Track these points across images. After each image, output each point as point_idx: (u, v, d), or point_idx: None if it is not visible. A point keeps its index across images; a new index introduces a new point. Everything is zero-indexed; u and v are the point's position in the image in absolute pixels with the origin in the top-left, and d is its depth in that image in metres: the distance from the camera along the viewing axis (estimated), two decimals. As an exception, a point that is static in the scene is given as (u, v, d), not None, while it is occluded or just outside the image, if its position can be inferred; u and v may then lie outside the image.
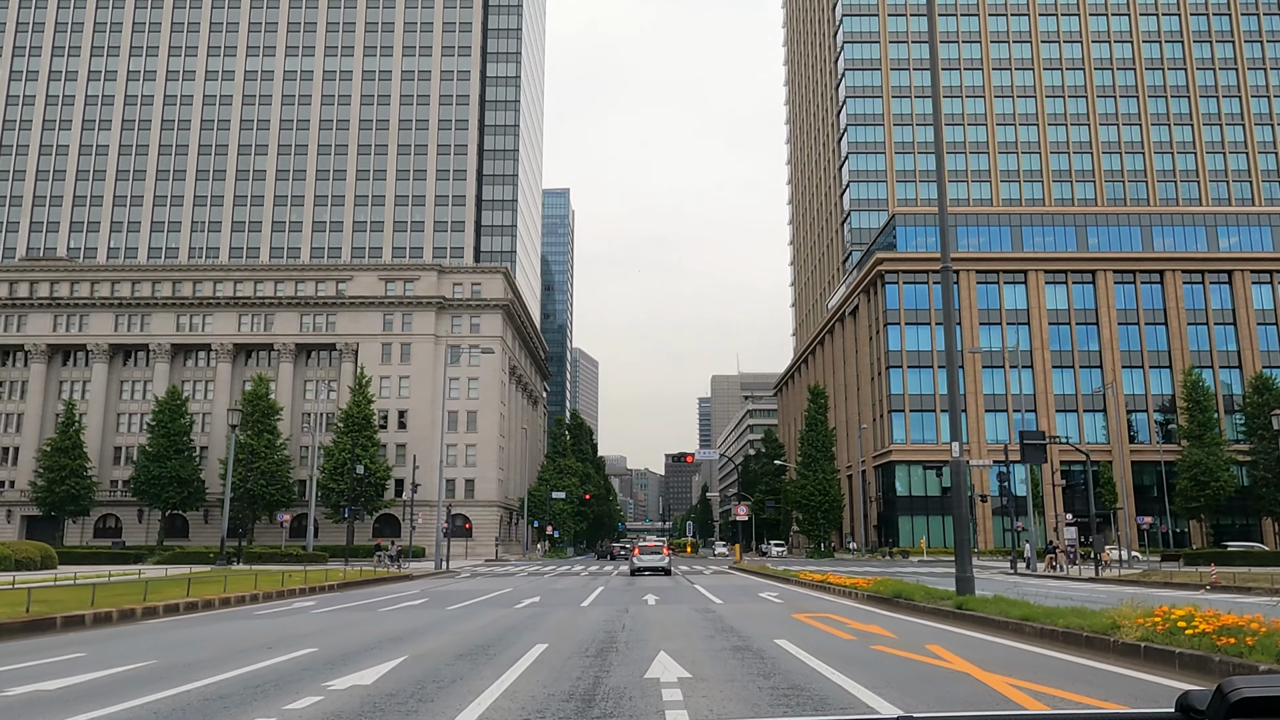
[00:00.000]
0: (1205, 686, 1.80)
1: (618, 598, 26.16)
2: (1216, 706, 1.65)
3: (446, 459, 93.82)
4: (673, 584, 35.19)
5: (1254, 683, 1.64)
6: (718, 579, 39.53)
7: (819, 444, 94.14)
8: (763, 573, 41.71)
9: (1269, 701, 1.59)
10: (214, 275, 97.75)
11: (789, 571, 37.87)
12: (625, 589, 31.34)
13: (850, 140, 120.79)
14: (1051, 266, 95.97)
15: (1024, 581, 39.76)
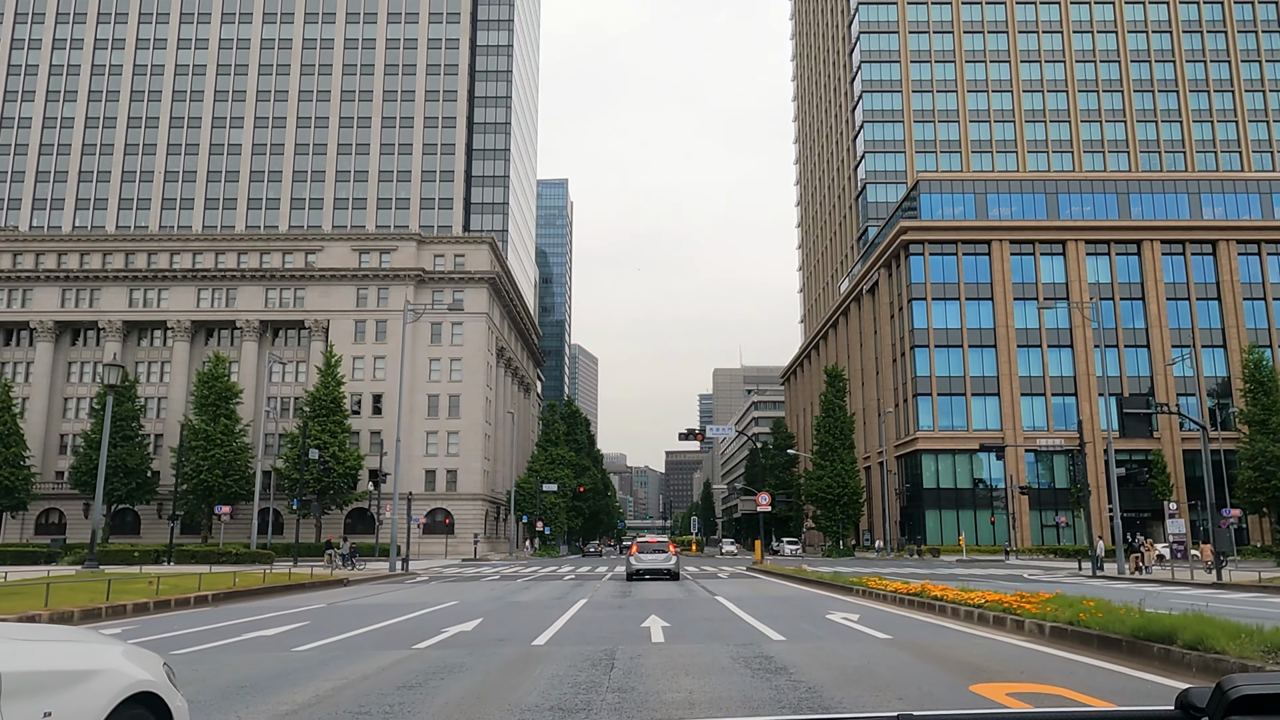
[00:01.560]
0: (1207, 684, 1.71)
1: (603, 624, 16.00)
2: (1216, 704, 1.62)
3: (426, 448, 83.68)
4: (684, 594, 24.97)
5: (1253, 680, 1.62)
6: (743, 586, 29.25)
7: (837, 431, 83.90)
8: (799, 577, 31.43)
9: (1267, 699, 1.58)
10: (171, 246, 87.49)
11: (839, 576, 27.60)
12: (617, 605, 21.16)
13: (866, 109, 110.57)
14: (1092, 235, 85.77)
15: (1138, 588, 29.53)
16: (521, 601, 22.78)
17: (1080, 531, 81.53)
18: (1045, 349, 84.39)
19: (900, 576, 36.26)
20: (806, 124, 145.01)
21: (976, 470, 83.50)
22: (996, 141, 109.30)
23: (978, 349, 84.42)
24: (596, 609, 19.68)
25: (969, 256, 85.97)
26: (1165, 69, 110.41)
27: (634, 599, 23.06)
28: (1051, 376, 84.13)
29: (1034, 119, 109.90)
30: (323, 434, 76.19)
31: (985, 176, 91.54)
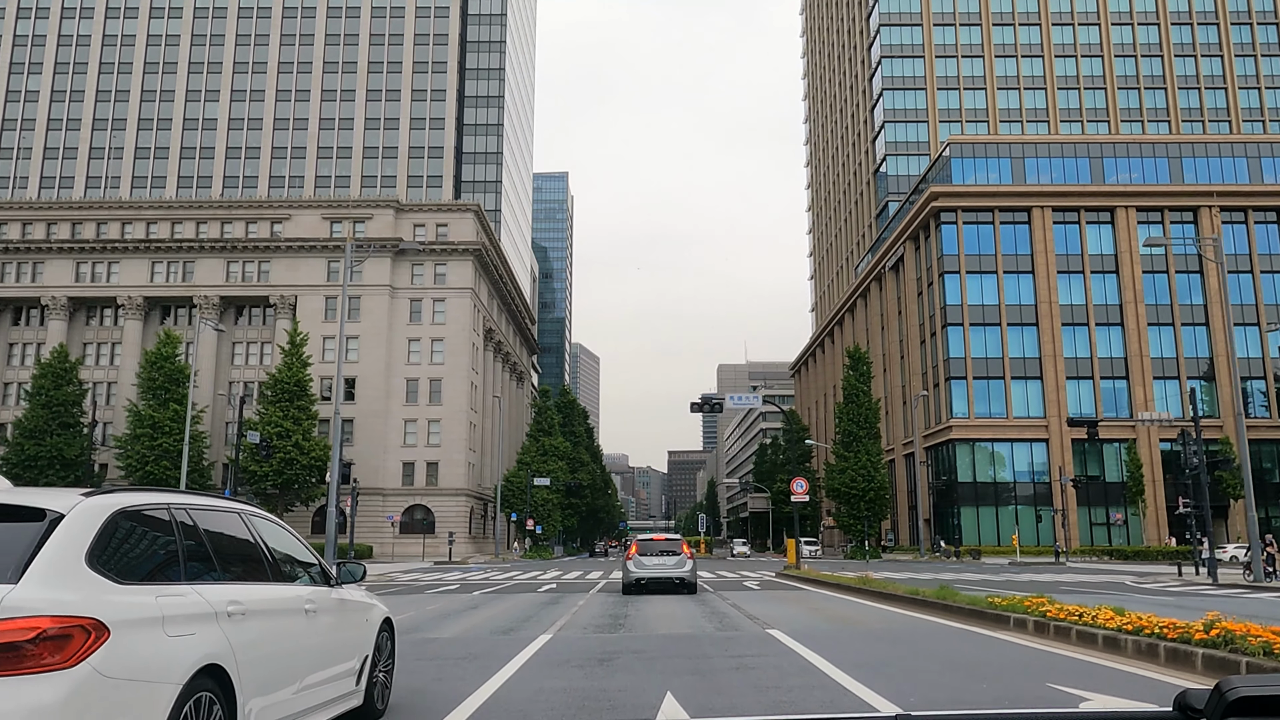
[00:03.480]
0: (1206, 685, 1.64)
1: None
2: (1214, 705, 1.59)
3: (404, 437, 74.09)
4: (714, 624, 15.24)
5: (1251, 682, 1.59)
6: (798, 606, 19.47)
7: (861, 419, 74.13)
8: (867, 589, 21.64)
9: (1266, 700, 1.55)
10: (122, 215, 77.89)
11: (948, 591, 17.72)
12: (598, 654, 11.47)
13: (885, 75, 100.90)
14: (1144, 202, 76.06)
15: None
16: (434, 639, 13.10)
17: (1135, 531, 71.80)
18: (1093, 327, 74.71)
19: (974, 585, 26.60)
20: (817, 99, 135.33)
21: (1018, 462, 73.77)
22: (1027, 110, 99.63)
23: (1017, 327, 74.74)
24: (554, 668, 10.00)
25: (1006, 225, 76.32)
26: (1209, 32, 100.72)
27: (630, 636, 13.37)
28: (1100, 358, 74.41)
29: (1067, 85, 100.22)
30: (285, 421, 66.65)
31: (1022, 139, 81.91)
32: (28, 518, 4.11)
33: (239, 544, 5.52)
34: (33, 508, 4.16)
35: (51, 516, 4.12)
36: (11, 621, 3.63)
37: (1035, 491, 72.79)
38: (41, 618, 3.71)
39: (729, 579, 32.66)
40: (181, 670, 4.29)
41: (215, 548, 5.18)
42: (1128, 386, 73.93)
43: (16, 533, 4.02)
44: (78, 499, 4.32)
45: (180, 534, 4.87)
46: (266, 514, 6.29)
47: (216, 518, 5.39)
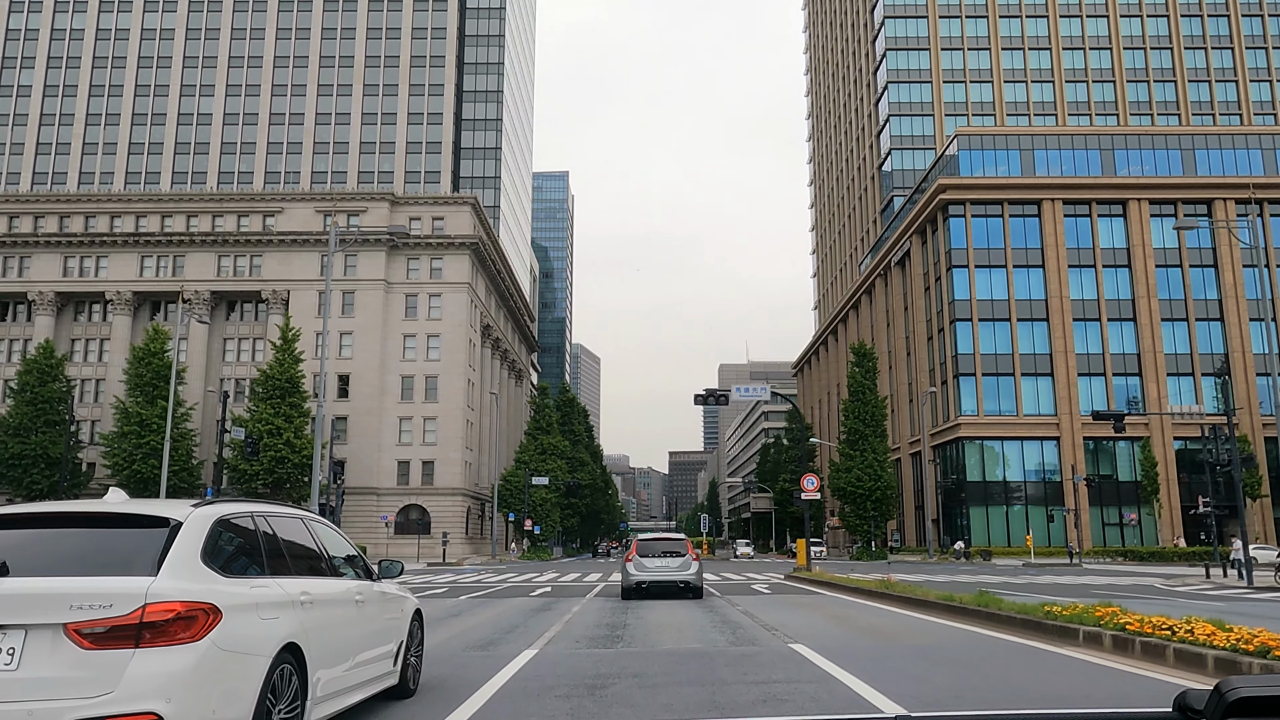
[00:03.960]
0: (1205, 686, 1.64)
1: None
2: (1214, 706, 1.59)
3: (399, 435, 72.00)
4: (725, 636, 13.11)
5: (1251, 682, 1.59)
6: (819, 614, 17.31)
7: (867, 416, 71.99)
8: (892, 594, 19.49)
9: (1266, 701, 1.55)
10: (111, 208, 75.79)
11: (989, 598, 15.54)
12: (589, 680, 9.24)
13: (890, 68, 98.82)
14: (1156, 194, 73.95)
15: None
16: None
17: (1148, 532, 69.64)
18: (1105, 322, 72.57)
19: (998, 588, 24.51)
20: (820, 95, 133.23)
21: (1028, 460, 71.62)
22: (1034, 103, 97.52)
23: (1027, 322, 72.62)
24: (531, 700, 7.90)
25: (1016, 218, 74.23)
26: (1219, 24, 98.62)
27: (629, 653, 11.24)
28: (1112, 354, 72.29)
29: (1075, 79, 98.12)
30: (276, 418, 64.60)
31: (1032, 131, 79.84)
32: (155, 525, 5.06)
33: (303, 544, 6.41)
34: (158, 516, 5.09)
35: (173, 524, 5.04)
36: (156, 605, 4.63)
37: (1046, 491, 70.70)
38: (176, 603, 4.67)
39: (735, 582, 30.53)
40: (271, 646, 5.23)
41: (287, 548, 6.09)
42: (1140, 383, 71.83)
43: (149, 537, 4.97)
44: (190, 509, 5.23)
45: (262, 537, 5.82)
46: (321, 518, 7.18)
47: (286, 523, 6.29)
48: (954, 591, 18.17)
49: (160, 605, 4.61)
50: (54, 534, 5.12)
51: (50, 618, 4.54)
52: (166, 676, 4.54)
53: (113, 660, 4.51)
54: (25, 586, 4.61)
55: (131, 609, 4.57)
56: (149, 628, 4.56)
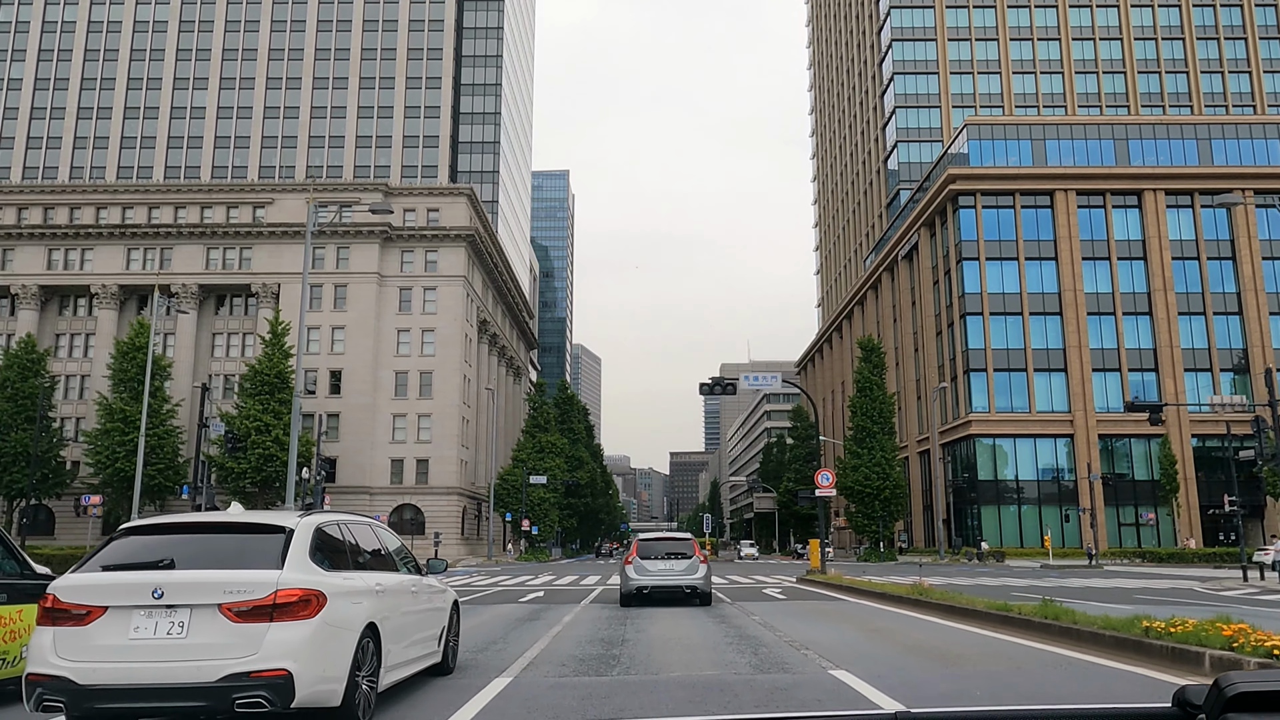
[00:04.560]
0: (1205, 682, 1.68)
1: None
2: (1213, 701, 1.59)
3: (392, 433, 69.58)
4: (749, 660, 10.59)
5: (1250, 678, 1.59)
6: (852, 626, 14.71)
7: (875, 413, 69.54)
8: (926, 601, 16.99)
9: (1265, 696, 1.54)
10: (97, 199, 73.39)
11: (1056, 609, 13.01)
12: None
13: (895, 59, 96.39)
14: (1172, 184, 71.48)
15: None
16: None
17: (1165, 532, 67.10)
18: (1120, 316, 70.08)
19: (1029, 592, 22.09)
20: (824, 89, 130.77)
21: (1041, 458, 69.11)
22: (1044, 95, 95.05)
23: (1040, 316, 70.14)
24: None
25: (1028, 209, 71.77)
26: (1231, 14, 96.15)
27: (627, 683, 8.79)
28: (1128, 349, 69.80)
29: (1085, 69, 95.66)
30: (265, 415, 62.29)
31: (1043, 121, 77.37)
32: (274, 531, 6.70)
33: (373, 545, 8.14)
34: (275, 524, 6.75)
35: (288, 530, 6.67)
36: (284, 591, 6.16)
37: (1059, 490, 68.21)
38: (297, 589, 6.22)
39: (744, 585, 28.03)
40: (359, 624, 6.79)
41: (362, 548, 7.80)
42: (1157, 379, 69.31)
43: (271, 540, 6.60)
44: (297, 519, 6.89)
45: (346, 539, 7.50)
46: (384, 525, 8.95)
47: (360, 528, 8.05)
48: (980, 596, 15.73)
49: (287, 591, 6.14)
50: (203, 538, 6.76)
51: (208, 599, 6.06)
52: (293, 643, 6.04)
53: (255, 631, 6.01)
54: (189, 577, 6.17)
55: (267, 593, 6.11)
56: (279, 608, 6.10)
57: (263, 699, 5.95)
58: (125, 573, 6.32)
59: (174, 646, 6.00)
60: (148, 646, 6.02)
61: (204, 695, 5.94)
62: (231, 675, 5.92)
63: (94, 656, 6.00)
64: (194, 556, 6.46)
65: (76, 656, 5.99)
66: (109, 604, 6.13)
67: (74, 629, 6.09)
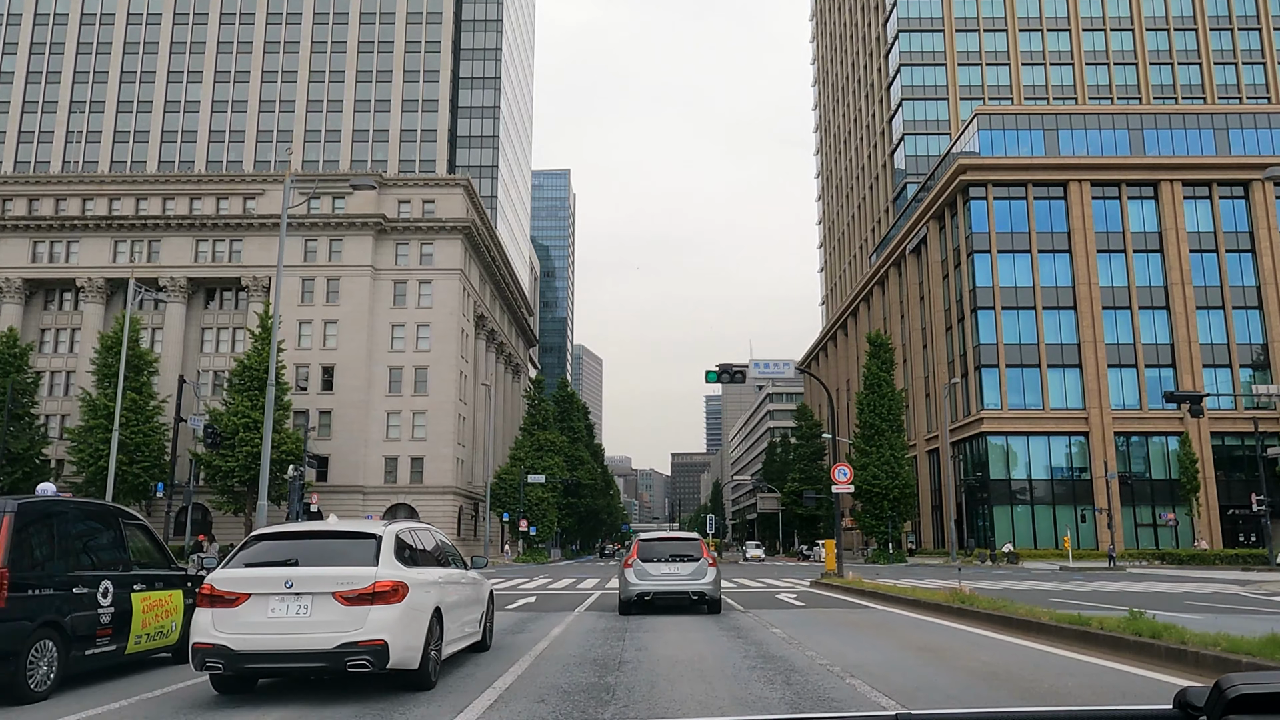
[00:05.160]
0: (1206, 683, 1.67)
1: None
2: (1214, 703, 1.57)
3: (386, 430, 67.25)
4: (785, 695, 8.20)
5: (1252, 679, 1.57)
6: (908, 651, 12.03)
7: (884, 410, 67.11)
8: (973, 610, 14.57)
9: (1266, 698, 1.53)
10: (83, 190, 71.10)
11: (1117, 620, 10.63)
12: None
13: (902, 50, 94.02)
14: (1190, 175, 69.07)
15: None
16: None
17: (1184, 533, 64.58)
18: (1136, 310, 67.65)
19: (1066, 599, 19.73)
20: (828, 84, 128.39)
21: (1055, 457, 66.70)
22: (1054, 86, 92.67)
23: (1053, 311, 67.73)
24: None
25: (1041, 200, 69.38)
26: (1245, 4, 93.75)
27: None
28: (1144, 344, 67.37)
29: (1095, 60, 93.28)
30: (254, 411, 59.92)
31: (1056, 110, 74.95)
32: (368, 537, 8.63)
33: (433, 546, 10.21)
34: (369, 532, 8.68)
35: (378, 536, 8.57)
36: (380, 582, 8.04)
37: (1074, 490, 65.78)
38: (389, 581, 8.08)
39: (755, 590, 25.64)
40: (430, 607, 8.72)
41: (426, 548, 9.80)
42: (1174, 375, 66.83)
43: (367, 544, 8.51)
44: (383, 528, 8.85)
45: (416, 542, 9.50)
46: (437, 529, 11.18)
47: (423, 533, 10.13)
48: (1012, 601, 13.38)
49: (381, 582, 8.15)
50: (317, 542, 8.81)
51: (325, 589, 8.07)
52: (387, 620, 7.97)
53: (359, 611, 7.97)
54: (311, 572, 8.25)
55: (367, 584, 8.10)
56: (376, 594, 8.07)
57: (366, 662, 7.85)
58: (263, 569, 8.31)
59: (301, 623, 7.95)
60: (282, 623, 7.96)
61: (324, 659, 7.86)
62: (344, 644, 7.83)
63: (243, 630, 7.90)
64: (312, 556, 8.46)
65: (230, 630, 7.90)
66: (252, 592, 8.06)
67: (227, 610, 7.99)
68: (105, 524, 9.94)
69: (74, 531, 9.30)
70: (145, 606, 10.00)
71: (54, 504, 9.16)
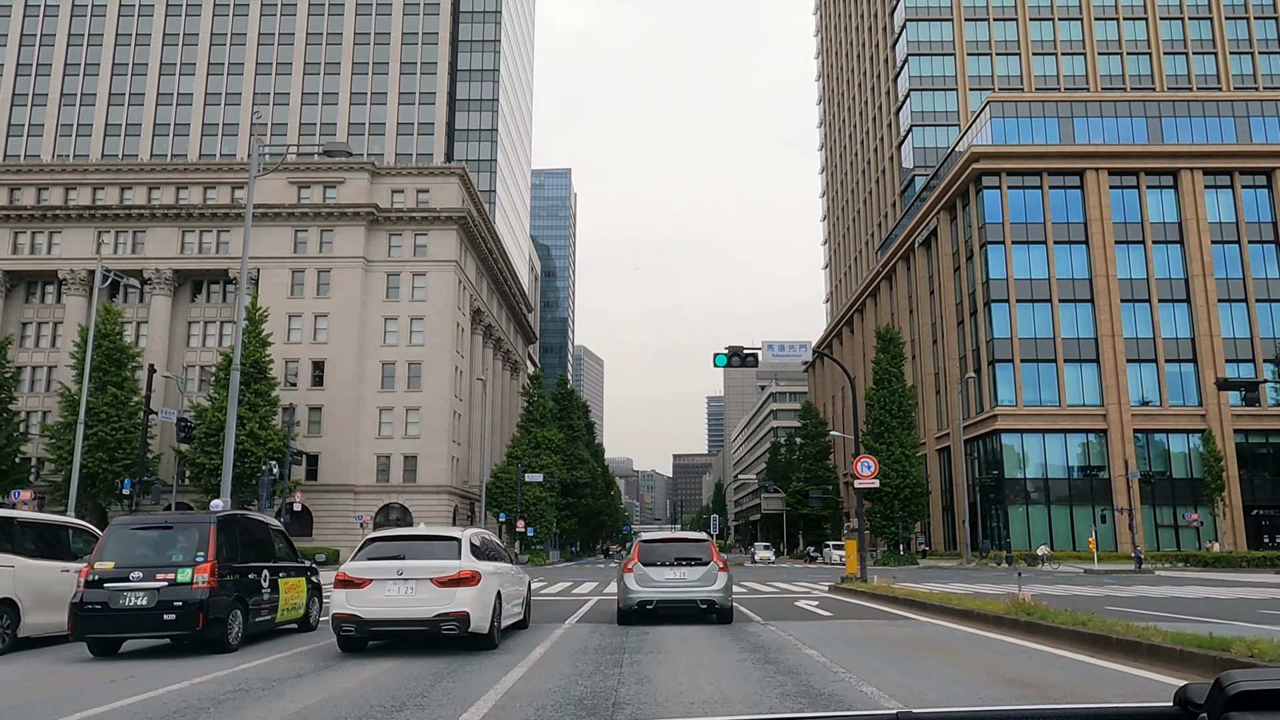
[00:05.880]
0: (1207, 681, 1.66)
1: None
2: (1215, 700, 1.57)
3: (379, 428, 64.53)
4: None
5: (1252, 676, 1.56)
6: (984, 678, 9.35)
7: (894, 406, 64.37)
8: (1046, 624, 11.85)
9: (1267, 695, 1.53)
10: (64, 179, 68.47)
11: (1252, 643, 7.89)
12: None
13: (910, 39, 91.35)
14: (1211, 163, 66.35)
15: None
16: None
17: (1207, 534, 61.76)
18: (1155, 303, 64.90)
19: (1110, 604, 17.04)
20: (833, 78, 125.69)
21: (1071, 455, 63.91)
22: (1065, 77, 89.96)
23: (1070, 304, 64.99)
24: None
25: (1056, 190, 66.67)
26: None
27: None
28: (1164, 339, 64.61)
29: (1108, 50, 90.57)
30: (239, 407, 57.11)
31: (1071, 98, 72.18)
32: (452, 539, 12.06)
33: (494, 545, 13.54)
34: (453, 536, 12.15)
35: (460, 539, 11.95)
36: (463, 571, 11.29)
37: (1092, 489, 62.97)
38: (469, 570, 11.32)
39: (770, 597, 22.89)
40: (494, 589, 11.83)
41: (488, 547, 12.93)
42: (1196, 370, 64.09)
43: (452, 544, 11.84)
44: (463, 531, 12.30)
45: (484, 543, 12.70)
46: (490, 533, 14.68)
47: (486, 535, 13.43)
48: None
49: (463, 571, 11.22)
50: (416, 543, 12.21)
51: (424, 576, 11.16)
52: (468, 598, 11.09)
53: (449, 591, 11.08)
54: (415, 564, 11.32)
55: (455, 572, 11.18)
56: (461, 580, 11.18)
57: (455, 626, 11.16)
58: (380, 561, 11.65)
59: (409, 600, 11.24)
60: (395, 600, 11.24)
61: (425, 624, 11.19)
62: (439, 614, 11.12)
63: (367, 605, 11.18)
64: (413, 552, 11.92)
65: (358, 605, 11.19)
66: (373, 578, 11.36)
67: (356, 590, 11.29)
68: (260, 530, 13.95)
69: (244, 535, 13.12)
70: (286, 589, 13.91)
71: (233, 515, 12.98)
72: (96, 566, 11.61)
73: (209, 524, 12.04)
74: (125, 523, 12.62)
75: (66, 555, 13.95)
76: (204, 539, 11.83)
